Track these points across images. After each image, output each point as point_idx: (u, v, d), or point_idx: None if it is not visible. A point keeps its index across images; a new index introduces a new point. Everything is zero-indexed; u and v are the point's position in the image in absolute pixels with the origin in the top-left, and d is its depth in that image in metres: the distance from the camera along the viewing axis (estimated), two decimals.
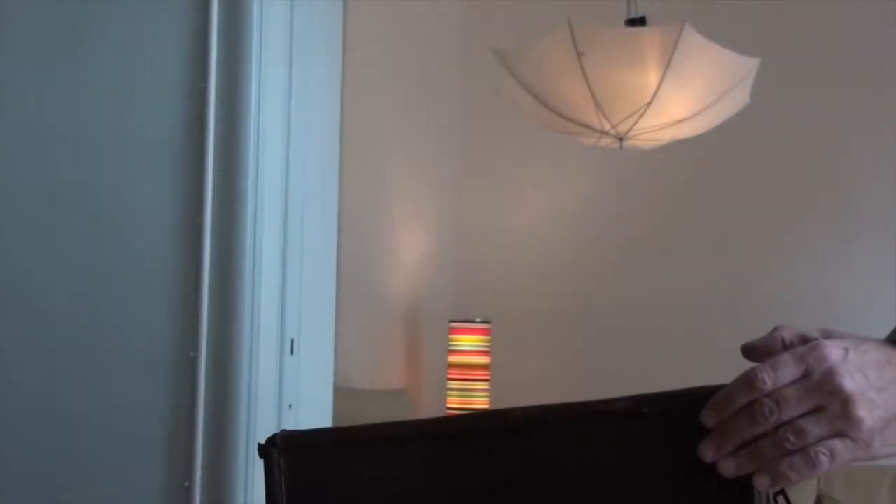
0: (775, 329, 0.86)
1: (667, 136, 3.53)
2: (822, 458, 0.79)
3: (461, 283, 4.38)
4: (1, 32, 1.82)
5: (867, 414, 0.80)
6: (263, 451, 0.89)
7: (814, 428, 0.80)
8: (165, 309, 1.74)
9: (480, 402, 3.99)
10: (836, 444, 0.80)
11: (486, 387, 4.03)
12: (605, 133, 3.45)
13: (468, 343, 4.05)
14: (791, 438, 0.80)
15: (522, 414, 0.90)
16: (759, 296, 4.14)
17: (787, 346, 0.87)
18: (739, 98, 3.38)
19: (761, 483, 0.81)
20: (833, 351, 0.81)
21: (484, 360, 4.06)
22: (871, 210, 4.18)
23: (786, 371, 0.81)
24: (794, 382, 0.81)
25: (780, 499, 0.83)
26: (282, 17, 1.81)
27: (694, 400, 0.83)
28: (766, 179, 4.34)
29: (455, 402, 3.96)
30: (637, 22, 3.47)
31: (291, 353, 1.78)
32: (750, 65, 3.32)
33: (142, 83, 1.79)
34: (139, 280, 1.76)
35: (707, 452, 0.82)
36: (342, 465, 0.89)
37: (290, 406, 1.75)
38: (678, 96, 3.25)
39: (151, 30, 1.78)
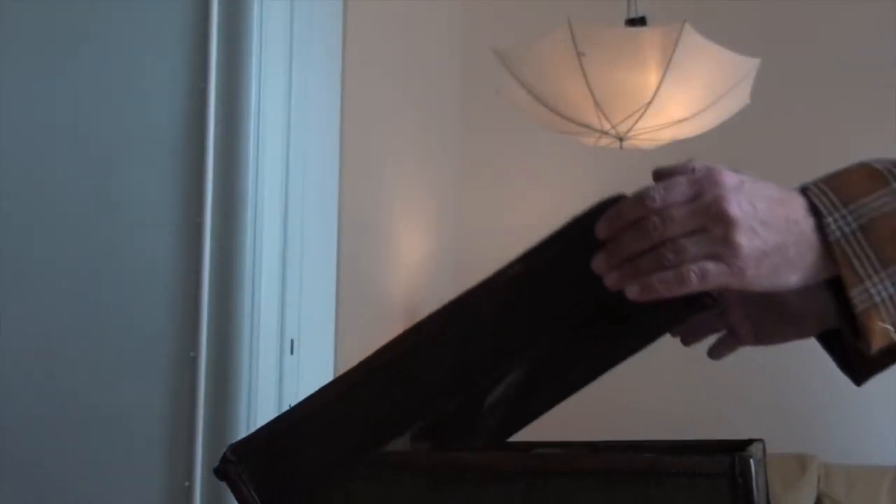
0: (690, 159, 0.87)
1: (667, 136, 3.53)
2: (693, 276, 0.81)
3: (461, 283, 4.36)
4: (1, 33, 1.82)
5: (746, 242, 0.81)
6: (221, 471, 0.86)
7: (692, 247, 0.82)
8: (165, 309, 1.74)
9: None
10: (710, 265, 0.82)
11: None
12: (605, 133, 3.45)
13: None
14: (669, 255, 0.82)
15: None
16: None
17: None
18: (739, 98, 3.37)
19: (631, 291, 0.83)
20: (728, 178, 0.83)
21: None
22: None
23: (677, 191, 0.83)
24: (684, 203, 0.82)
25: None
26: (282, 17, 1.81)
27: (591, 217, 0.85)
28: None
29: None
30: (637, 22, 3.47)
31: (291, 353, 1.79)
32: (750, 65, 3.32)
33: (142, 83, 1.79)
34: (139, 280, 1.76)
35: (597, 264, 0.85)
36: (299, 450, 0.88)
37: (290, 406, 1.75)
38: (678, 96, 3.25)
39: (151, 30, 1.78)
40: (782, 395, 4.18)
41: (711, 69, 3.27)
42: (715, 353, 1.20)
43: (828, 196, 0.84)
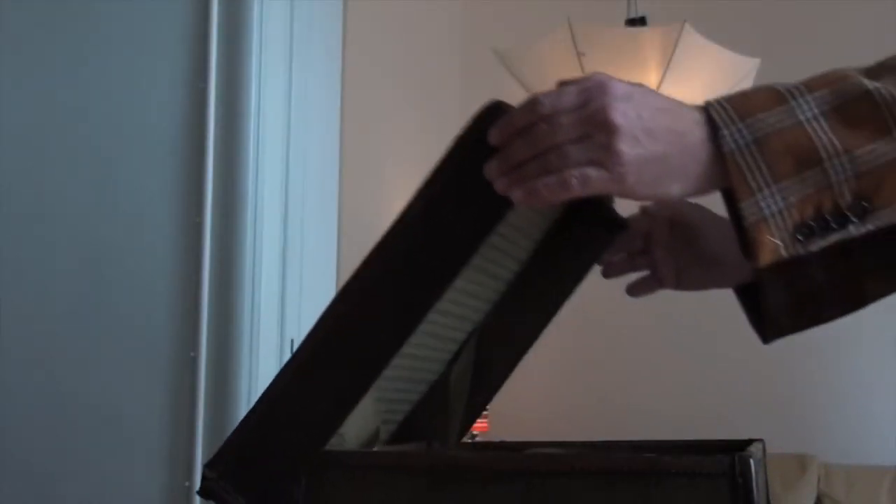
0: (594, 73, 0.89)
1: None
2: (574, 181, 0.83)
3: None
4: (1, 33, 1.82)
5: (627, 149, 0.82)
6: (205, 491, 0.87)
7: (575, 153, 0.83)
8: (165, 309, 1.74)
9: None
10: (591, 171, 0.83)
11: None
12: None
13: None
14: (554, 160, 0.83)
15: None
16: None
17: None
18: None
19: (516, 196, 0.85)
20: (617, 87, 0.84)
21: None
22: None
23: (566, 99, 0.84)
24: (572, 110, 0.84)
25: None
26: (282, 17, 1.81)
27: (474, 131, 0.87)
28: None
29: None
30: (637, 22, 3.47)
31: (291, 352, 1.79)
32: (750, 65, 3.32)
33: (142, 83, 1.79)
34: (139, 280, 1.76)
35: (488, 170, 0.87)
36: (273, 446, 0.88)
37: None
38: (678, 96, 3.24)
39: (151, 30, 1.78)
40: (782, 395, 4.18)
41: (711, 69, 3.27)
42: (634, 290, 1.23)
43: (726, 110, 0.85)
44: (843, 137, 0.84)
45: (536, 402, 4.39)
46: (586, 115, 0.83)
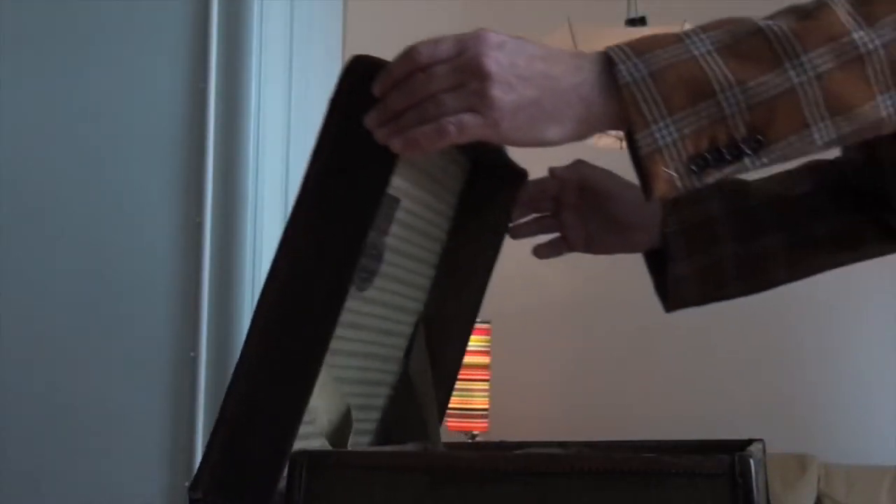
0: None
1: None
2: (451, 128, 0.85)
3: None
4: (1, 33, 1.82)
5: (501, 95, 0.84)
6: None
7: (451, 101, 0.85)
8: (166, 309, 1.74)
9: (480, 402, 3.99)
10: (467, 118, 0.85)
11: (486, 387, 4.03)
12: (606, 133, 3.45)
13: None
14: (431, 109, 0.85)
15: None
16: (760, 295, 4.13)
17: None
18: None
19: (394, 145, 0.87)
20: (491, 36, 0.86)
21: (484, 360, 4.05)
22: None
23: (442, 48, 0.86)
24: (447, 60, 0.85)
25: None
26: (282, 17, 1.81)
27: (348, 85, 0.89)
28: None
29: (455, 402, 3.95)
30: (637, 22, 3.47)
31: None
32: None
33: (142, 83, 1.79)
34: (139, 280, 1.76)
35: (368, 121, 0.88)
36: (254, 448, 0.88)
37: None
38: None
39: (151, 30, 1.78)
40: (782, 395, 4.18)
41: None
42: (541, 251, 1.26)
43: (623, 50, 0.87)
44: (735, 70, 0.85)
45: (536, 402, 4.39)
46: (461, 64, 0.85)
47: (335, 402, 1.00)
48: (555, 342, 4.43)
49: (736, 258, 1.26)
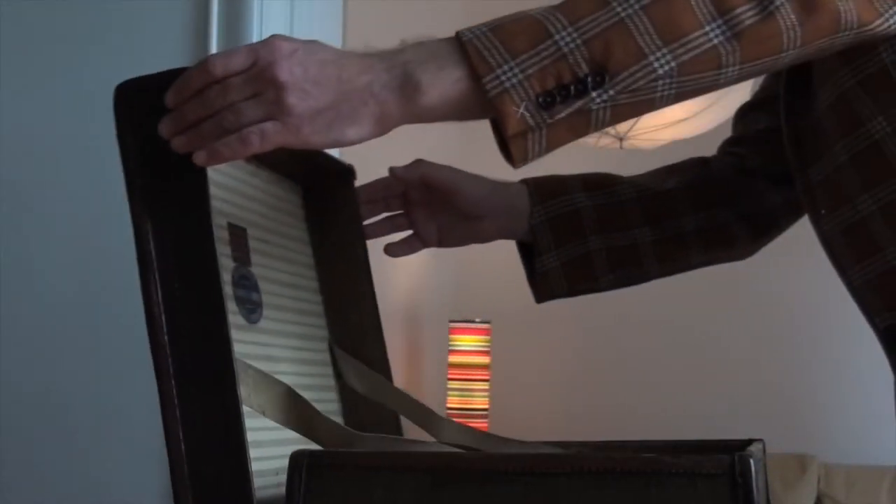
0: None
1: (667, 136, 3.53)
2: (254, 137, 0.88)
3: (461, 284, 4.38)
4: (1, 33, 1.82)
5: (298, 102, 0.87)
6: None
7: (249, 110, 0.88)
8: None
9: (480, 402, 3.99)
10: (268, 126, 0.88)
11: (486, 387, 4.03)
12: (605, 133, 3.45)
13: (468, 343, 4.04)
14: (230, 118, 0.88)
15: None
16: (760, 295, 4.14)
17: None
18: (739, 98, 3.37)
19: (198, 158, 0.89)
20: (283, 45, 0.89)
21: (484, 360, 4.05)
22: None
23: (236, 60, 0.90)
24: (242, 71, 0.89)
25: None
26: (282, 17, 1.81)
27: (165, 83, 0.92)
28: None
29: (455, 402, 3.96)
30: None
31: None
32: None
33: None
34: (139, 280, 1.76)
35: (164, 130, 0.92)
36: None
37: None
38: None
39: (151, 30, 1.78)
40: (782, 395, 4.18)
41: None
42: (393, 250, 1.30)
43: (471, 27, 0.93)
44: (567, 14, 0.91)
45: (536, 403, 4.39)
46: (254, 74, 0.88)
47: (273, 387, 0.99)
48: (555, 342, 4.43)
49: (606, 251, 1.29)
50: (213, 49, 1.74)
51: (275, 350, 1.05)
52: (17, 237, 1.80)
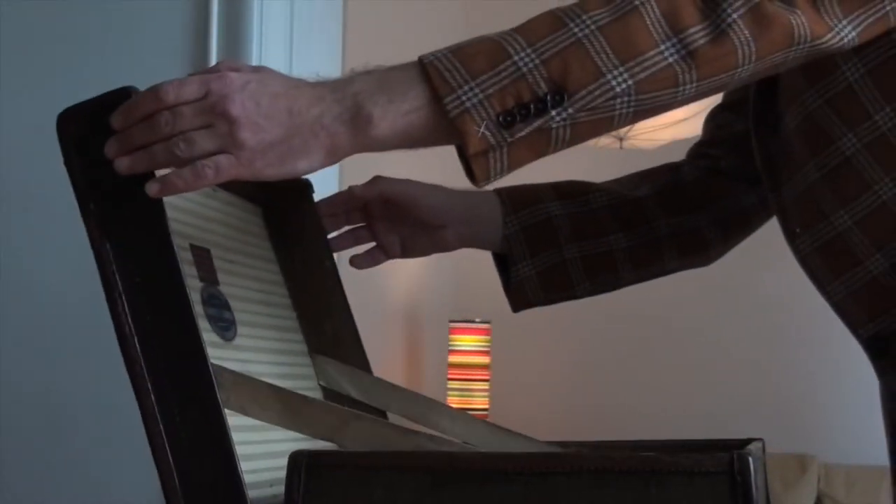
0: (219, 62, 0.97)
1: (667, 136, 3.53)
2: (208, 170, 0.89)
3: (461, 283, 4.38)
4: (1, 33, 1.82)
5: (250, 136, 0.88)
6: None
7: (202, 141, 0.89)
8: None
9: (480, 402, 4.00)
10: (222, 159, 0.89)
11: (486, 387, 4.04)
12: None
13: (468, 343, 4.05)
14: (182, 146, 0.89)
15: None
16: (760, 295, 4.14)
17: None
18: None
19: (151, 188, 0.90)
20: (234, 80, 0.90)
21: (484, 360, 4.06)
22: None
23: (188, 89, 0.90)
24: (193, 101, 0.89)
25: None
26: (282, 16, 1.81)
27: (108, 105, 0.92)
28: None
29: (455, 402, 3.96)
30: None
31: None
32: None
33: (142, 83, 1.78)
34: None
35: (110, 150, 0.92)
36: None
37: None
38: None
39: (151, 30, 1.78)
40: (782, 395, 4.18)
41: None
42: (358, 262, 1.31)
43: (434, 53, 0.93)
44: (526, 36, 0.93)
45: (536, 402, 4.39)
46: (207, 106, 0.89)
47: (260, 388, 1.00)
48: (555, 342, 4.43)
49: (581, 259, 1.30)
50: (214, 49, 1.74)
51: (254, 366, 1.05)
52: (18, 237, 1.80)
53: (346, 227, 1.28)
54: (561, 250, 1.29)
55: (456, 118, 0.90)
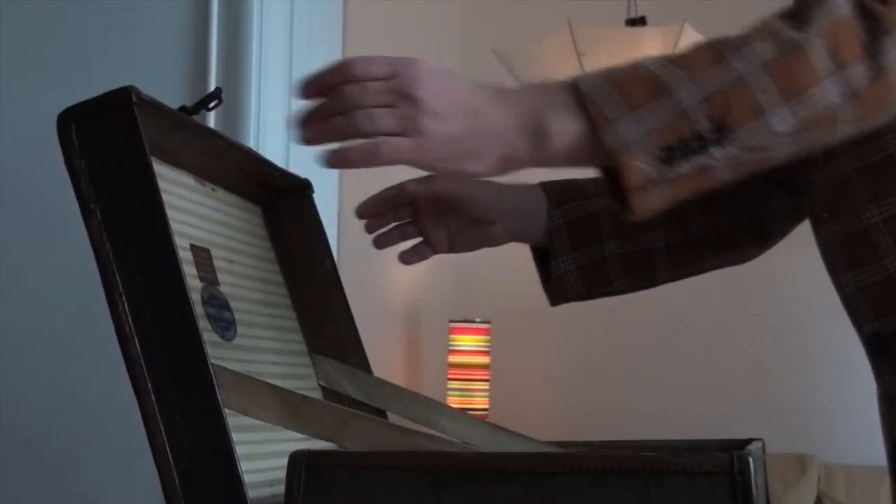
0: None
1: None
2: (385, 150, 0.88)
3: (461, 283, 4.38)
4: (1, 33, 1.82)
5: (432, 125, 0.88)
6: None
7: (385, 119, 0.88)
8: None
9: (480, 402, 4.00)
10: (400, 141, 0.88)
11: (486, 387, 4.03)
12: None
13: (468, 343, 4.05)
14: (364, 120, 0.88)
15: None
16: (760, 296, 4.14)
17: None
18: None
19: (328, 161, 0.90)
20: (425, 65, 0.89)
21: (484, 360, 4.06)
22: None
23: (376, 67, 0.89)
24: (380, 79, 0.89)
25: None
26: (282, 16, 1.81)
27: (108, 105, 0.93)
28: None
29: (455, 402, 3.96)
30: (637, 22, 3.47)
31: None
32: None
33: (142, 83, 1.78)
34: None
35: (296, 120, 0.92)
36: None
37: None
38: None
39: (152, 30, 1.78)
40: (782, 395, 4.18)
41: None
42: (406, 257, 1.30)
43: (588, 74, 0.93)
44: (686, 69, 0.91)
45: (536, 402, 4.39)
46: (394, 86, 0.88)
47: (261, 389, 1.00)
48: (555, 342, 4.43)
49: (621, 256, 1.30)
50: (213, 49, 1.74)
51: (254, 366, 1.05)
52: (18, 237, 1.80)
53: (393, 224, 1.27)
54: (602, 246, 1.28)
55: (614, 150, 0.89)
